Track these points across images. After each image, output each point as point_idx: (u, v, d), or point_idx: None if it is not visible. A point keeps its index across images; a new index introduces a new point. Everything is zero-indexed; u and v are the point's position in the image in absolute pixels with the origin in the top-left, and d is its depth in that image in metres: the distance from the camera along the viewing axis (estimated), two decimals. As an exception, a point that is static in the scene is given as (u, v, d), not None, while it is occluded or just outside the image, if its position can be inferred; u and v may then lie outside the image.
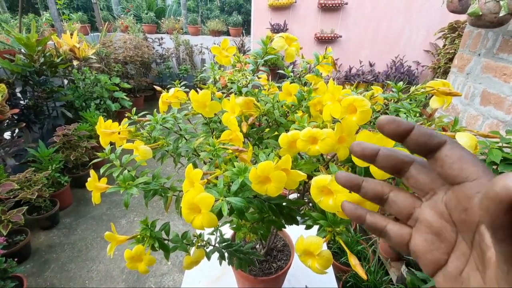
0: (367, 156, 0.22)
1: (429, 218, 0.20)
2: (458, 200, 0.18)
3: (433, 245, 0.20)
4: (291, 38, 0.51)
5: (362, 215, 0.24)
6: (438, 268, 0.20)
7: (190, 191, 0.35)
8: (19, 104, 2.15)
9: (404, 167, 0.21)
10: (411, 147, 0.20)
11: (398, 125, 0.20)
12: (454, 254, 0.19)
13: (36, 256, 1.81)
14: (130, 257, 0.49)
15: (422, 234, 0.21)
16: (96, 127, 0.54)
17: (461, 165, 0.18)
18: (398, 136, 0.20)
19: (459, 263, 0.19)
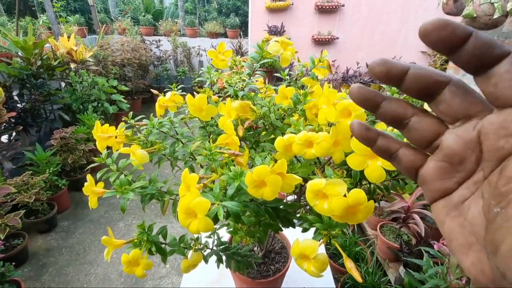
0: (395, 76, 0.18)
1: (452, 145, 0.18)
2: (502, 125, 0.16)
3: (447, 174, 0.19)
4: (286, 42, 0.52)
5: (373, 137, 0.21)
6: (443, 196, 0.19)
7: (186, 196, 0.36)
8: (16, 107, 2.14)
9: (438, 88, 0.18)
10: (465, 59, 0.16)
11: (452, 30, 0.16)
12: (466, 184, 0.18)
13: (34, 260, 1.80)
14: (127, 262, 0.49)
15: (437, 162, 0.19)
16: (93, 131, 0.54)
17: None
18: (451, 44, 0.16)
19: (466, 192, 0.18)
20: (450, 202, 0.18)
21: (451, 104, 0.18)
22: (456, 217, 0.18)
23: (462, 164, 0.18)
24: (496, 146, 0.16)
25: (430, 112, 0.19)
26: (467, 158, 0.18)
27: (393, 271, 1.60)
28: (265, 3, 3.70)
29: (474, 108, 0.17)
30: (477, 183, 0.18)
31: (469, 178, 0.18)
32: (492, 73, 0.16)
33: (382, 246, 1.67)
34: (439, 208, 0.19)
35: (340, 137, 0.43)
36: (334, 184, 0.33)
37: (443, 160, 0.19)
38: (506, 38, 1.22)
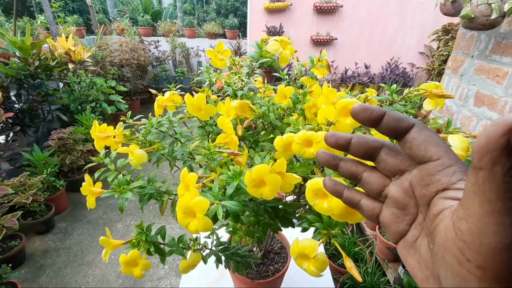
0: (341, 145, 0.24)
1: (396, 195, 0.23)
2: (421, 177, 0.21)
3: (398, 218, 0.23)
4: (285, 41, 0.52)
5: (340, 191, 0.26)
6: (401, 237, 0.23)
7: (185, 195, 0.35)
8: (14, 108, 2.13)
9: (375, 152, 0.23)
10: (384, 131, 0.22)
11: (370, 113, 0.22)
12: (414, 225, 0.22)
13: (31, 261, 1.79)
14: (126, 262, 0.49)
15: (389, 209, 0.23)
16: (90, 131, 0.54)
17: (426, 146, 0.20)
18: (371, 122, 0.22)
19: (415, 232, 0.22)
20: (406, 242, 0.22)
21: (386, 162, 0.23)
22: (413, 255, 0.22)
23: (406, 209, 0.22)
24: (422, 193, 0.21)
25: (376, 169, 0.24)
26: (408, 204, 0.22)
27: (392, 271, 1.60)
28: (263, 3, 3.71)
29: (404, 164, 0.22)
30: (421, 223, 0.21)
31: (415, 220, 0.22)
32: (405, 139, 0.21)
33: (381, 246, 1.67)
34: (400, 248, 0.23)
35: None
36: None
37: (393, 207, 0.23)
38: (504, 39, 1.23)
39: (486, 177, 0.15)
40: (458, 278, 0.17)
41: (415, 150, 0.20)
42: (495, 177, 0.15)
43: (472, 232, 0.16)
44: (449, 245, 0.17)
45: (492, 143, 0.15)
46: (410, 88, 0.47)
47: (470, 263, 0.16)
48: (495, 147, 0.14)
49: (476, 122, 1.42)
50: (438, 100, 0.46)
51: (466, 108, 1.50)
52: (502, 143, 0.14)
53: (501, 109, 1.26)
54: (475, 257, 0.16)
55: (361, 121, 0.22)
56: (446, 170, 0.19)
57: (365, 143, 0.23)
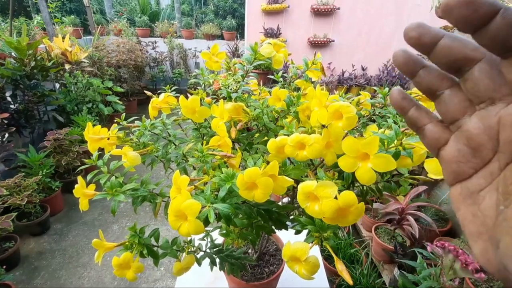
0: (426, 44, 0.17)
1: (472, 130, 0.18)
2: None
3: (464, 158, 0.18)
4: (279, 44, 0.52)
5: (407, 106, 0.21)
6: (459, 180, 0.19)
7: (176, 198, 0.35)
8: (9, 108, 2.12)
9: (467, 65, 0.17)
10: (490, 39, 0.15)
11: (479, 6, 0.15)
12: (481, 172, 0.18)
13: (26, 263, 1.77)
14: (118, 265, 0.48)
15: (458, 144, 0.19)
16: (84, 133, 0.53)
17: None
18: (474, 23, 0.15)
19: (482, 181, 0.18)
20: (466, 190, 0.18)
21: (477, 83, 0.17)
22: (470, 205, 0.18)
23: (478, 151, 0.17)
24: (510, 138, 0.15)
25: (463, 90, 0.19)
26: (484, 145, 0.17)
27: (388, 272, 1.60)
28: (261, 5, 3.72)
29: (500, 91, 0.16)
30: (493, 174, 0.17)
31: (485, 167, 0.17)
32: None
33: (377, 248, 1.68)
34: (455, 194, 0.19)
35: (332, 139, 0.43)
36: (325, 186, 0.33)
37: (462, 143, 0.18)
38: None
39: None
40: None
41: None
42: None
43: None
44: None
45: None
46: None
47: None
48: None
49: (471, 124, 1.43)
50: (430, 103, 0.46)
51: (461, 111, 1.51)
52: None
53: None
54: None
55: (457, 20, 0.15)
56: None
57: (459, 49, 0.16)
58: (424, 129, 0.20)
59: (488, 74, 0.16)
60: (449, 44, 0.17)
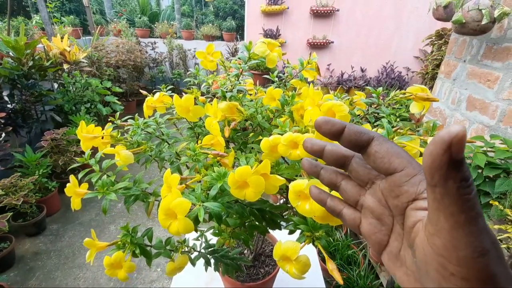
0: (316, 151, 0.24)
1: (371, 205, 0.23)
2: (390, 188, 0.20)
3: (376, 228, 0.22)
4: (273, 43, 0.52)
5: (324, 199, 0.26)
6: (382, 248, 0.22)
7: (167, 197, 0.35)
8: (6, 108, 2.11)
9: (346, 160, 0.24)
10: (345, 145, 0.22)
11: (332, 125, 0.22)
12: (393, 235, 0.21)
13: (21, 264, 1.76)
14: (110, 264, 0.48)
15: (367, 219, 0.23)
16: (77, 131, 0.53)
17: (389, 158, 0.20)
18: (333, 135, 0.22)
19: (397, 243, 0.21)
20: (391, 254, 0.22)
21: (357, 171, 0.23)
22: (400, 267, 0.21)
23: (382, 219, 0.22)
24: (394, 204, 0.20)
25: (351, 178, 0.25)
26: (383, 213, 0.22)
27: (385, 274, 1.59)
28: (260, 6, 3.72)
29: (373, 174, 0.22)
30: (400, 234, 0.21)
31: (393, 230, 0.21)
32: (368, 153, 0.21)
33: (374, 250, 1.67)
34: (386, 262, 0.22)
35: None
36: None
37: (370, 217, 0.23)
38: (495, 44, 1.24)
39: (443, 193, 0.15)
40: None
41: (379, 163, 0.20)
42: (450, 191, 0.15)
43: (446, 247, 0.16)
44: (429, 260, 0.17)
45: (437, 162, 0.15)
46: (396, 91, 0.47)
47: (455, 277, 0.16)
48: (441, 165, 0.15)
49: (468, 125, 1.43)
50: (424, 103, 0.46)
51: (458, 112, 1.51)
52: (446, 160, 0.14)
53: (492, 113, 1.28)
54: (458, 270, 0.16)
55: (324, 134, 0.22)
56: (412, 180, 0.19)
57: (337, 151, 0.24)
58: (342, 213, 0.25)
59: (361, 164, 0.23)
60: (331, 149, 0.24)
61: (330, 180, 0.26)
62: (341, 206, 0.25)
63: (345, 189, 0.25)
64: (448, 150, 0.14)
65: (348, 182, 0.25)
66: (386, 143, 0.20)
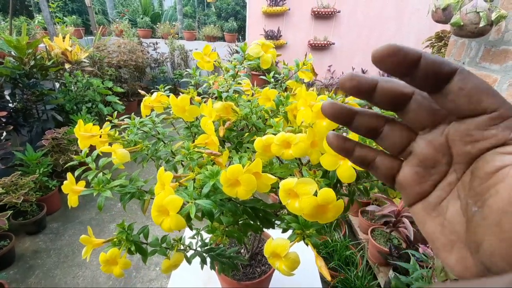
0: (364, 90, 0.19)
1: (424, 151, 0.19)
2: (467, 132, 0.17)
3: (423, 177, 0.19)
4: (267, 45, 0.52)
5: (351, 147, 0.22)
6: (421, 198, 0.20)
7: (160, 194, 0.36)
8: (8, 107, 2.13)
9: (405, 100, 0.19)
10: (421, 80, 0.17)
11: (405, 55, 0.16)
12: (440, 185, 0.19)
13: (21, 262, 1.77)
14: (105, 261, 0.49)
15: (413, 167, 0.20)
16: (74, 129, 0.54)
17: (479, 96, 0.16)
18: (405, 68, 0.17)
19: (442, 193, 0.19)
20: (428, 204, 0.19)
21: (418, 113, 0.19)
22: (435, 217, 0.19)
23: (435, 167, 0.19)
24: (463, 150, 0.17)
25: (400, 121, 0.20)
26: (439, 161, 0.19)
27: (383, 275, 1.60)
28: (262, 7, 3.74)
29: (439, 115, 0.19)
30: (451, 184, 0.19)
31: (443, 180, 0.19)
32: (447, 90, 0.17)
33: (372, 250, 1.68)
34: (418, 210, 0.20)
35: (317, 138, 0.43)
36: (304, 183, 0.33)
37: (417, 165, 0.20)
38: (493, 47, 1.25)
39: None
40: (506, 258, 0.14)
41: (464, 102, 0.16)
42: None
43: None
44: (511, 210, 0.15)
45: None
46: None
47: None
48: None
49: (466, 128, 1.43)
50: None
51: (457, 114, 1.51)
52: None
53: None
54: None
55: (390, 68, 0.17)
56: (505, 123, 0.16)
57: (394, 88, 0.19)
58: (375, 162, 0.21)
59: (424, 104, 0.19)
60: (384, 86, 0.19)
61: (370, 125, 0.20)
62: (374, 153, 0.21)
63: (390, 135, 0.20)
64: None
65: (394, 126, 0.20)
66: (473, 77, 0.17)
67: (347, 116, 0.20)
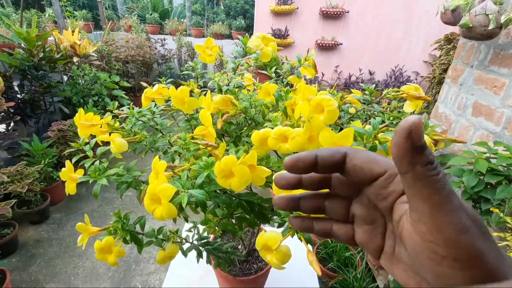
0: (293, 183, 0.24)
1: (361, 212, 0.23)
2: (377, 193, 0.21)
3: (371, 233, 0.23)
4: (267, 38, 0.52)
5: (309, 225, 0.25)
6: (380, 251, 0.22)
7: (153, 182, 0.36)
8: (16, 98, 2.16)
9: (327, 180, 0.24)
10: (323, 171, 0.22)
11: (303, 161, 0.21)
12: (387, 235, 0.22)
13: (23, 251, 1.80)
14: (100, 248, 0.49)
15: (361, 227, 0.23)
16: (74, 118, 0.54)
17: (369, 167, 0.20)
18: (309, 169, 0.21)
19: (390, 241, 0.22)
20: (387, 255, 0.22)
21: (341, 185, 0.24)
22: (397, 264, 0.21)
23: (375, 222, 0.22)
24: (382, 206, 0.21)
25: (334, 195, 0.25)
26: (374, 217, 0.22)
27: (383, 278, 1.58)
28: (270, 6, 3.73)
29: (356, 185, 0.23)
30: (392, 232, 0.22)
31: (386, 230, 0.22)
32: (347, 170, 0.21)
33: (372, 253, 1.66)
34: (384, 263, 0.22)
35: (314, 132, 0.43)
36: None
37: (363, 224, 0.23)
38: (502, 50, 1.22)
39: (414, 178, 0.16)
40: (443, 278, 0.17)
41: (361, 175, 0.21)
42: (419, 175, 0.16)
43: (431, 231, 0.16)
44: (420, 249, 0.17)
45: (402, 150, 0.16)
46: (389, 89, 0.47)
47: (446, 259, 0.16)
48: (406, 152, 0.16)
49: (473, 132, 1.41)
50: (417, 102, 0.46)
51: (464, 118, 1.49)
52: (409, 146, 0.16)
53: (497, 119, 1.26)
54: (447, 252, 0.16)
55: (299, 172, 0.22)
56: (396, 179, 0.20)
57: (315, 176, 0.24)
58: (333, 231, 0.25)
59: (342, 180, 0.24)
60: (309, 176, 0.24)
61: (314, 205, 0.25)
62: (329, 224, 0.25)
63: (332, 207, 0.25)
64: (409, 137, 0.16)
65: (332, 200, 0.25)
66: (360, 153, 0.21)
67: (294, 202, 0.25)
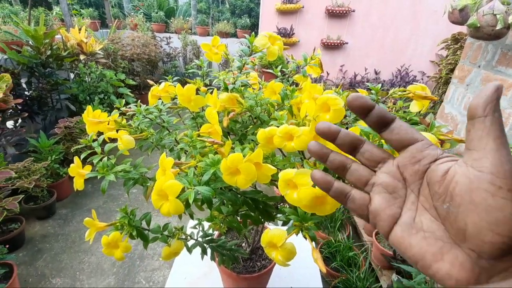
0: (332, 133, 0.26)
1: (385, 180, 0.25)
2: (412, 155, 0.24)
3: (389, 201, 0.24)
4: (274, 37, 0.52)
5: (330, 182, 0.27)
6: (394, 221, 0.24)
7: (160, 179, 0.36)
8: (24, 95, 2.19)
9: (359, 143, 0.26)
10: (373, 120, 0.25)
11: (365, 101, 0.24)
12: (406, 206, 0.24)
13: (30, 245, 1.83)
14: (107, 243, 0.50)
15: (380, 194, 0.25)
16: (83, 115, 0.55)
17: (411, 131, 0.24)
18: (363, 110, 0.24)
19: (411, 212, 0.23)
20: (404, 225, 0.23)
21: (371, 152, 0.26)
22: (416, 234, 0.23)
23: (395, 192, 0.24)
24: (414, 169, 0.23)
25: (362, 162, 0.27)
26: (397, 186, 0.24)
27: (386, 278, 1.58)
28: (275, 5, 3.72)
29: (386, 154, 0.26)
30: (414, 202, 0.24)
31: (406, 200, 0.24)
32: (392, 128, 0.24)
33: (376, 253, 1.66)
34: (398, 233, 0.24)
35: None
36: (303, 174, 0.33)
37: (383, 192, 0.25)
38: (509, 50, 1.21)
39: (491, 121, 0.20)
40: (494, 209, 0.19)
41: (404, 135, 0.24)
42: (496, 119, 0.20)
43: (494, 163, 0.19)
44: (475, 186, 0.19)
45: (489, 97, 0.20)
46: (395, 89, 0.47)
47: (502, 190, 0.19)
48: (492, 100, 0.20)
49: (479, 133, 1.40)
50: (423, 101, 0.46)
51: (470, 118, 1.47)
52: (496, 97, 0.20)
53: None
54: (505, 182, 0.19)
55: (355, 108, 0.25)
56: (431, 147, 0.23)
57: (352, 134, 0.26)
58: (351, 194, 0.26)
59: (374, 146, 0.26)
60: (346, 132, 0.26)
61: (341, 162, 0.27)
62: (349, 187, 0.27)
63: (356, 170, 0.26)
64: (497, 91, 0.20)
65: (358, 164, 0.27)
66: (404, 123, 0.25)
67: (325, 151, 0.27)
